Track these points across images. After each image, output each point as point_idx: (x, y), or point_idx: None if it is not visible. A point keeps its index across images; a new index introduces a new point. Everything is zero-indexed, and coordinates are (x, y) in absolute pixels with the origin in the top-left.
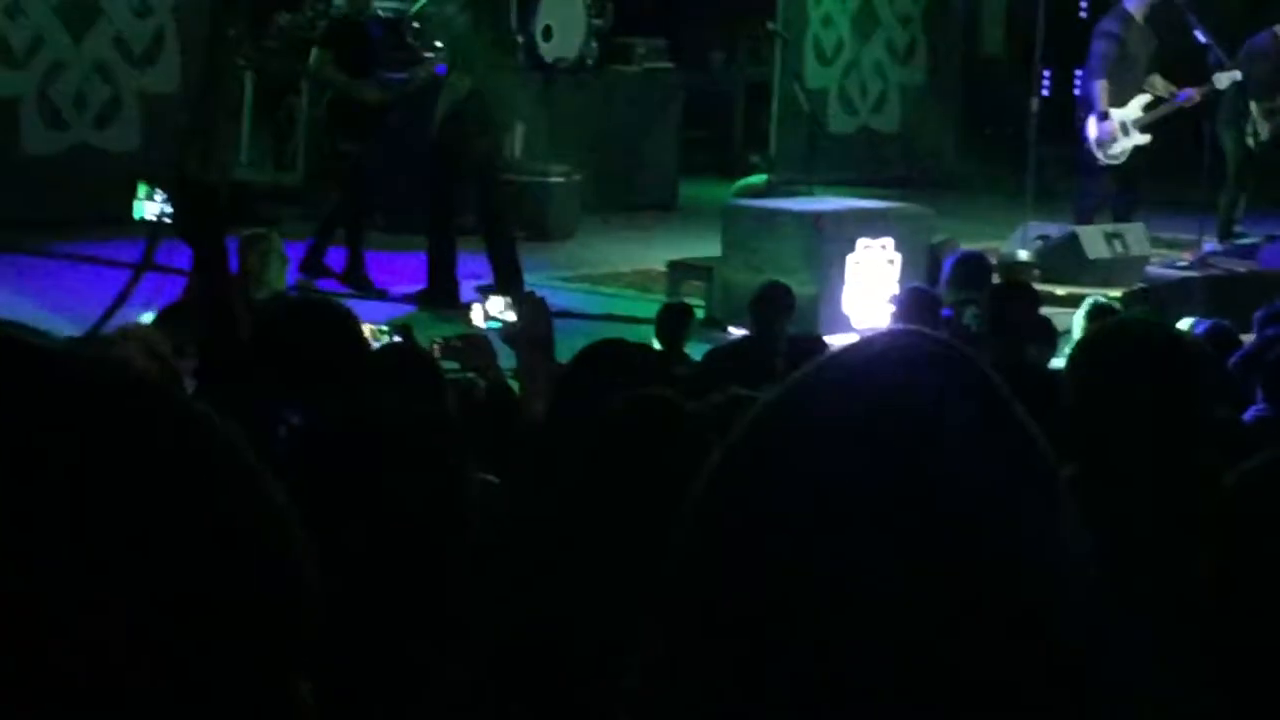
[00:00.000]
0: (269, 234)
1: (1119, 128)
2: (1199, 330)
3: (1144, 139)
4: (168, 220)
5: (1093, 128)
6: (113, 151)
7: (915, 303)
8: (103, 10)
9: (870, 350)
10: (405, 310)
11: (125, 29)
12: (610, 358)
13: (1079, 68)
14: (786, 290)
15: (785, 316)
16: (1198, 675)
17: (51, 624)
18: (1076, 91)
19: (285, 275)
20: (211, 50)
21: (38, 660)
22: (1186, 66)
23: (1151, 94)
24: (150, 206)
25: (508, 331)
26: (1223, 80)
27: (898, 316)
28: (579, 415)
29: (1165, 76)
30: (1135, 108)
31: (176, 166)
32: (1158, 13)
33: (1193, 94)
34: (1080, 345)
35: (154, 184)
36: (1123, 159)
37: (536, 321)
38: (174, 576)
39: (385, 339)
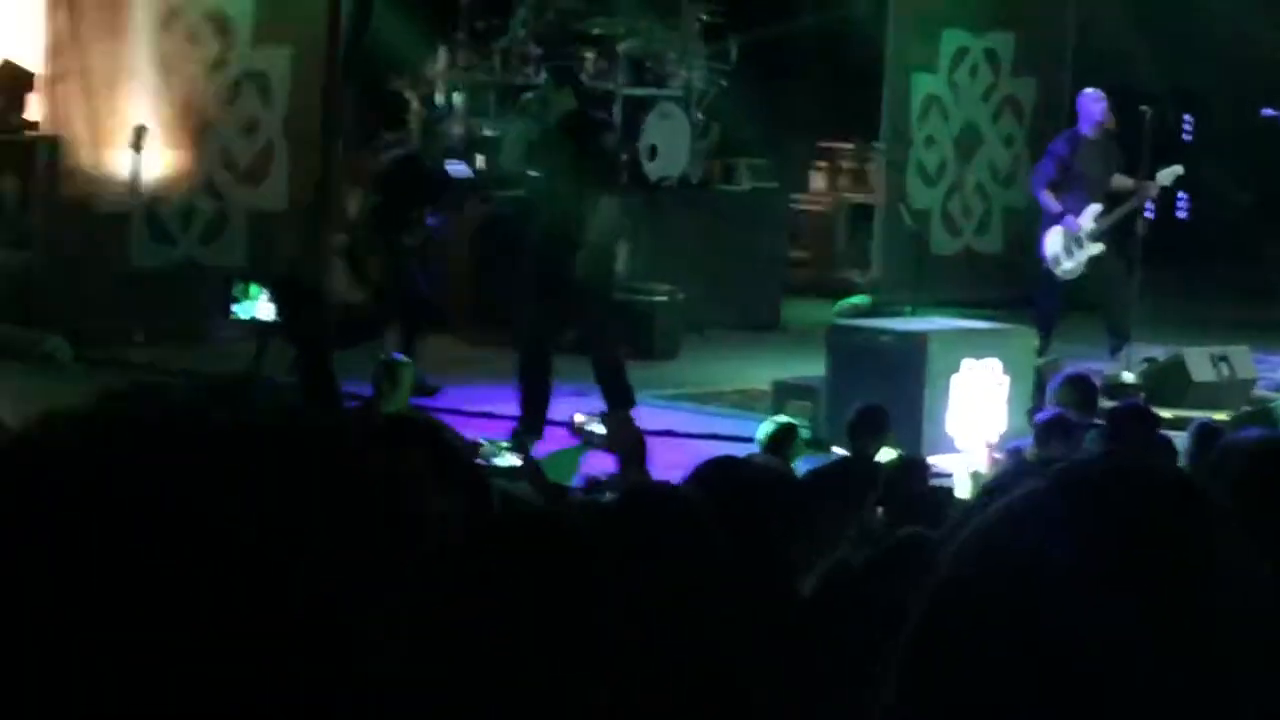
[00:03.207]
0: (396, 359)
1: (1077, 237)
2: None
3: (1098, 248)
4: (274, 320)
5: (1053, 241)
6: (218, 266)
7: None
8: (210, 126)
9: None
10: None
11: (232, 145)
12: (730, 476)
13: (1182, 191)
14: (882, 412)
15: (881, 438)
16: None
17: None
18: (1179, 214)
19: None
20: (321, 168)
21: None
22: None
23: (1119, 189)
24: (262, 307)
25: (599, 444)
26: (1166, 176)
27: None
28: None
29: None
30: (1088, 218)
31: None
32: (1110, 135)
33: (1150, 188)
34: (1246, 463)
35: (262, 285)
36: (1078, 272)
37: (622, 437)
38: None
39: (502, 453)
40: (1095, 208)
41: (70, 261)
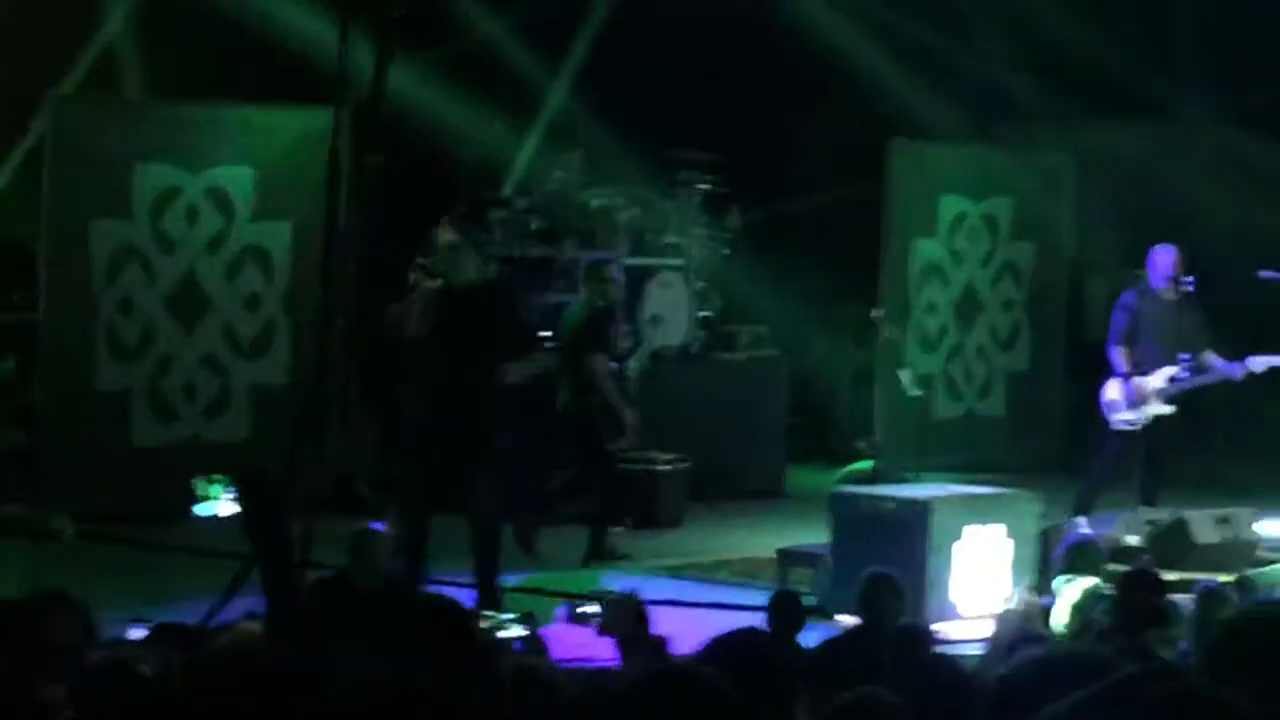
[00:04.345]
0: (370, 529)
1: (1140, 393)
2: None
3: (1166, 409)
4: (235, 515)
5: (1113, 389)
6: (222, 443)
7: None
8: (212, 302)
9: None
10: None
11: (235, 320)
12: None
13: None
14: (894, 580)
15: (894, 607)
16: None
17: None
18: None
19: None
20: (320, 341)
21: None
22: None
23: (1199, 364)
24: (224, 504)
25: (599, 626)
26: (1259, 364)
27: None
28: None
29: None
30: (1160, 378)
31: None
32: (1190, 295)
33: (1238, 369)
34: (1223, 635)
35: (226, 481)
36: (1138, 426)
37: (620, 620)
38: None
39: (507, 626)
40: (1169, 370)
41: (71, 439)
